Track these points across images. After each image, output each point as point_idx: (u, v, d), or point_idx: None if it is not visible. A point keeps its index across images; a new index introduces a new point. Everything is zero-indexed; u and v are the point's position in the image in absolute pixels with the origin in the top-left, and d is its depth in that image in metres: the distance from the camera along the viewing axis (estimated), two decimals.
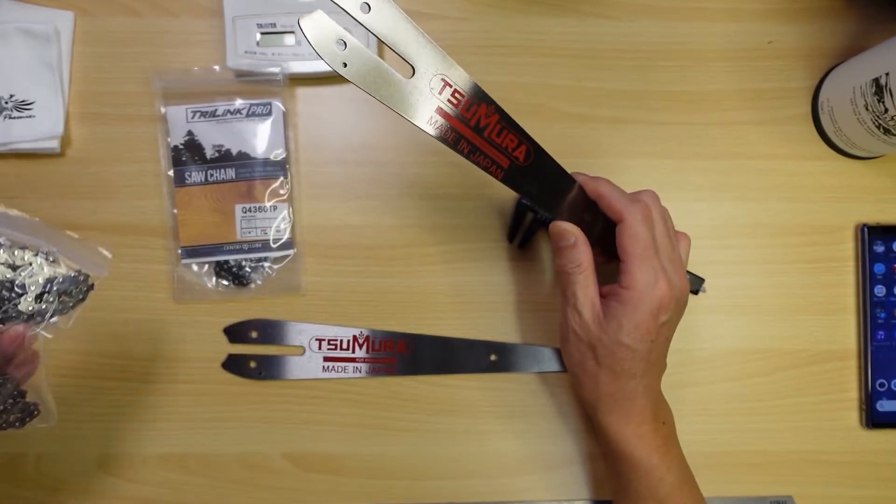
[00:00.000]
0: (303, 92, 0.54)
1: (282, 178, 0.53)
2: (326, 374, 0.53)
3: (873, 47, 0.50)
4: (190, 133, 0.52)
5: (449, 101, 0.39)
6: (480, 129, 0.40)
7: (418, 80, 0.38)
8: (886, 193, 0.55)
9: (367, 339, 0.53)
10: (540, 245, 0.54)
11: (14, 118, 0.52)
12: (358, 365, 0.53)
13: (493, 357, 0.53)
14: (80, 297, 0.39)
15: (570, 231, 0.44)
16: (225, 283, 0.53)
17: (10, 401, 0.39)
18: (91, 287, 0.39)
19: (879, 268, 0.54)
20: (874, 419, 0.53)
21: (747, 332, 0.54)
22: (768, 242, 0.55)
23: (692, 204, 0.55)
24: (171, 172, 0.53)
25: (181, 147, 0.52)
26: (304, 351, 0.53)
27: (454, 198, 0.54)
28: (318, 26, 0.36)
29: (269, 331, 0.53)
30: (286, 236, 0.53)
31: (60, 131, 0.52)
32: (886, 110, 0.47)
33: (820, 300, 0.55)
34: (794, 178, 0.55)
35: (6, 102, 0.52)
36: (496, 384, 0.54)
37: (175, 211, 0.52)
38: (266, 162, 0.53)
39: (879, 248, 0.54)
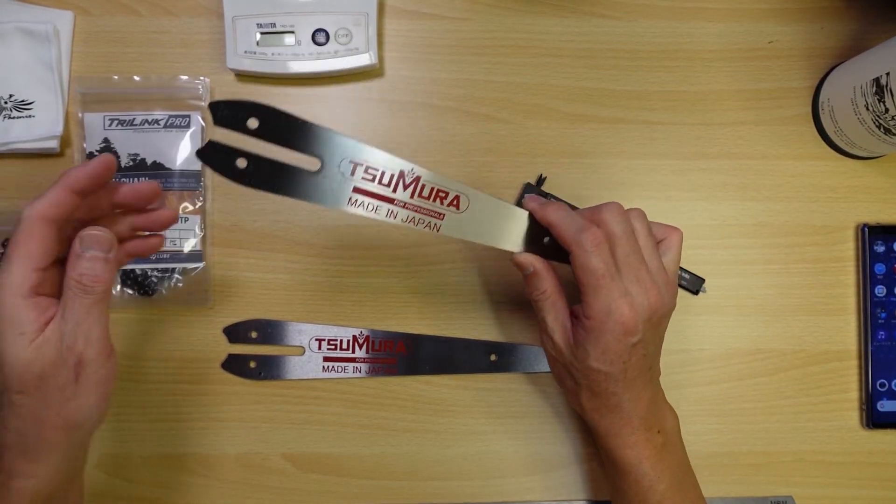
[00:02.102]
0: (301, 91, 0.54)
1: (196, 191, 0.53)
2: (326, 374, 0.53)
3: (873, 47, 0.50)
4: (106, 140, 0.52)
5: (364, 178, 0.39)
6: (406, 194, 0.39)
7: (327, 169, 0.38)
8: (887, 193, 0.55)
9: (367, 339, 0.53)
10: None
11: (13, 118, 0.52)
12: (358, 365, 0.53)
13: (492, 357, 0.53)
14: None
15: (527, 262, 0.43)
16: (130, 291, 0.52)
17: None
18: None
19: (880, 268, 0.54)
20: (875, 419, 0.53)
21: (747, 332, 0.54)
22: (768, 242, 0.55)
23: (692, 204, 0.55)
24: None
25: (97, 154, 0.52)
26: (304, 351, 0.53)
27: None
28: (213, 152, 0.37)
29: (268, 331, 0.53)
30: (194, 248, 0.53)
31: (60, 131, 0.52)
32: (887, 110, 0.47)
33: (820, 300, 0.55)
34: (794, 178, 0.55)
35: (5, 102, 0.52)
36: (496, 384, 0.53)
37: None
38: (182, 173, 0.53)
39: (880, 248, 0.54)
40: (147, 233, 0.43)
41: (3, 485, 0.36)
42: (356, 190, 0.38)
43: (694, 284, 0.53)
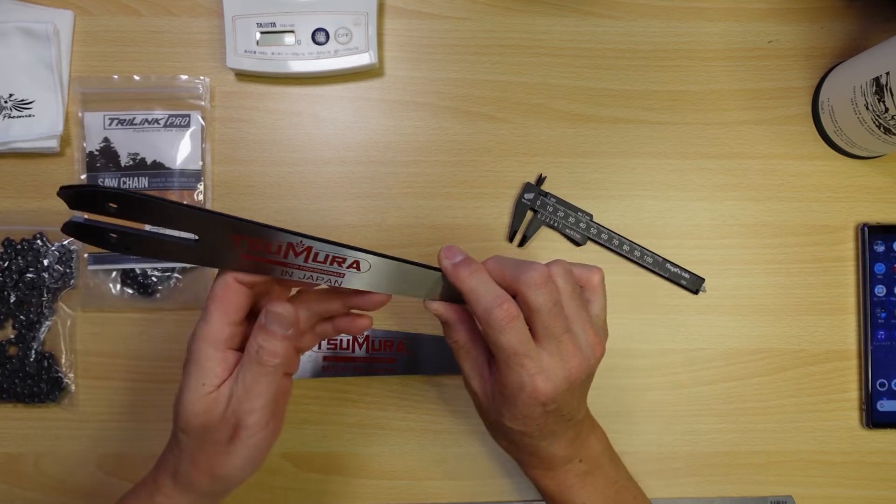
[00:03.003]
0: (301, 91, 0.54)
1: (196, 190, 0.53)
2: (326, 374, 0.53)
3: (873, 47, 0.50)
4: (106, 140, 0.52)
5: (249, 251, 0.36)
6: (299, 259, 0.37)
7: (205, 241, 0.35)
8: (886, 193, 0.55)
9: (367, 338, 0.53)
10: (540, 244, 0.54)
11: (13, 117, 0.52)
12: (358, 365, 0.53)
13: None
14: None
15: (437, 311, 0.41)
16: (130, 291, 0.53)
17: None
18: None
19: (880, 267, 0.54)
20: (874, 419, 0.53)
21: (747, 332, 0.54)
22: (768, 242, 0.55)
23: (692, 204, 0.55)
24: (84, 177, 0.53)
25: (96, 153, 0.52)
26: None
27: (454, 197, 0.54)
28: (80, 231, 0.34)
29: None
30: None
31: (60, 130, 0.52)
32: (887, 109, 0.47)
33: (820, 300, 0.55)
34: (794, 177, 0.55)
35: (6, 102, 0.52)
36: None
37: (86, 216, 0.52)
38: (182, 173, 0.53)
39: (880, 248, 0.54)
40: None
41: (151, 496, 0.39)
42: (245, 255, 0.36)
43: (694, 284, 0.53)
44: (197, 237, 0.34)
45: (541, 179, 0.53)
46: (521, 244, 0.53)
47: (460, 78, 0.55)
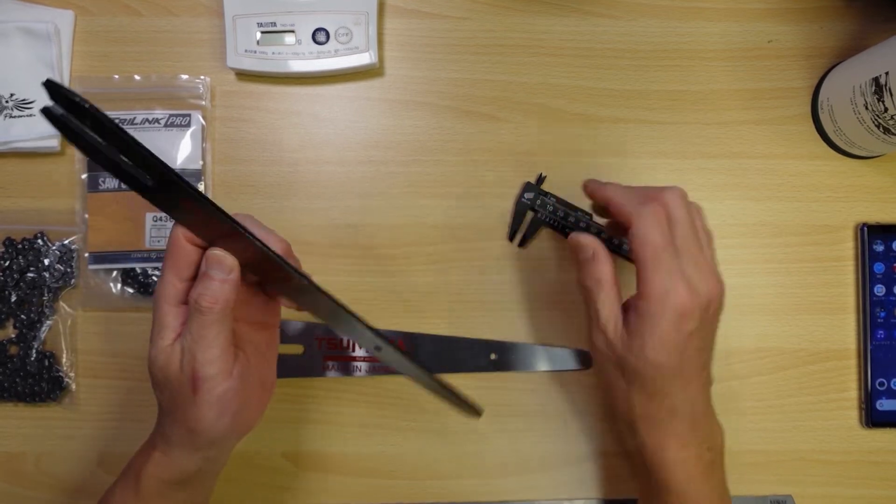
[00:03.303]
0: (301, 91, 0.54)
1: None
2: (326, 374, 0.53)
3: (873, 47, 0.50)
4: None
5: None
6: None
7: (157, 190, 0.34)
8: (886, 193, 0.55)
9: None
10: (540, 244, 0.54)
11: (14, 117, 0.52)
12: (358, 364, 0.53)
13: (493, 356, 0.53)
14: None
15: (587, 244, 0.41)
16: (130, 290, 0.53)
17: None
18: None
19: (879, 267, 0.54)
20: (874, 418, 0.53)
21: (747, 332, 0.54)
22: (768, 242, 0.55)
23: None
24: (84, 177, 0.53)
25: None
26: (305, 350, 0.53)
27: (454, 197, 0.54)
28: (58, 122, 0.30)
29: None
30: None
31: None
32: (886, 109, 0.47)
33: (820, 300, 0.55)
34: (794, 177, 0.55)
35: (6, 101, 0.52)
36: (496, 384, 0.53)
37: (87, 216, 0.52)
38: (182, 172, 0.52)
39: (879, 248, 0.54)
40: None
41: (149, 453, 0.40)
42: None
43: None
44: (151, 183, 0.34)
45: (541, 179, 0.53)
46: (522, 244, 0.53)
47: (460, 78, 0.55)
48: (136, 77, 0.53)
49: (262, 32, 0.52)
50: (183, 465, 0.40)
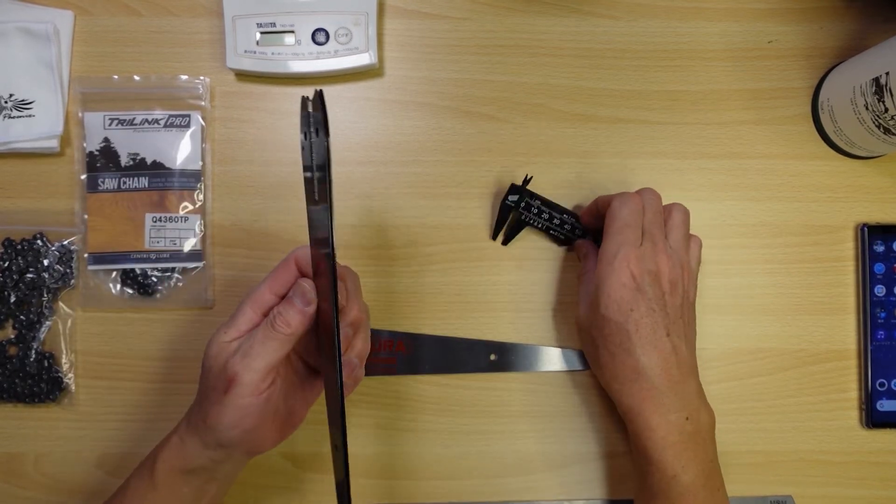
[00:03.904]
0: (301, 91, 0.54)
1: (196, 190, 0.53)
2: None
3: (873, 47, 0.50)
4: (106, 140, 0.52)
5: None
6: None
7: None
8: (886, 193, 0.55)
9: None
10: (540, 245, 0.54)
11: (14, 118, 0.52)
12: None
13: (493, 357, 0.53)
14: None
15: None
16: (130, 291, 0.52)
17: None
18: None
19: (879, 267, 0.54)
20: (874, 419, 0.53)
21: (747, 332, 0.54)
22: (768, 242, 0.55)
23: (692, 204, 0.54)
24: (84, 177, 0.53)
25: (96, 153, 0.52)
26: None
27: (454, 197, 0.54)
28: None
29: None
30: (194, 248, 0.53)
31: (60, 130, 0.52)
32: (886, 110, 0.47)
33: (820, 300, 0.55)
34: (794, 177, 0.55)
35: (6, 102, 0.52)
36: (496, 384, 0.53)
37: (86, 216, 0.52)
38: (182, 173, 0.53)
39: (879, 248, 0.54)
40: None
41: (173, 433, 0.43)
42: None
43: None
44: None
45: (527, 180, 0.52)
46: (505, 242, 0.54)
47: (460, 78, 0.55)
48: (136, 77, 0.53)
49: (262, 33, 0.52)
50: (192, 456, 0.42)
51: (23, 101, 0.52)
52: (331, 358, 0.38)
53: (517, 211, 0.52)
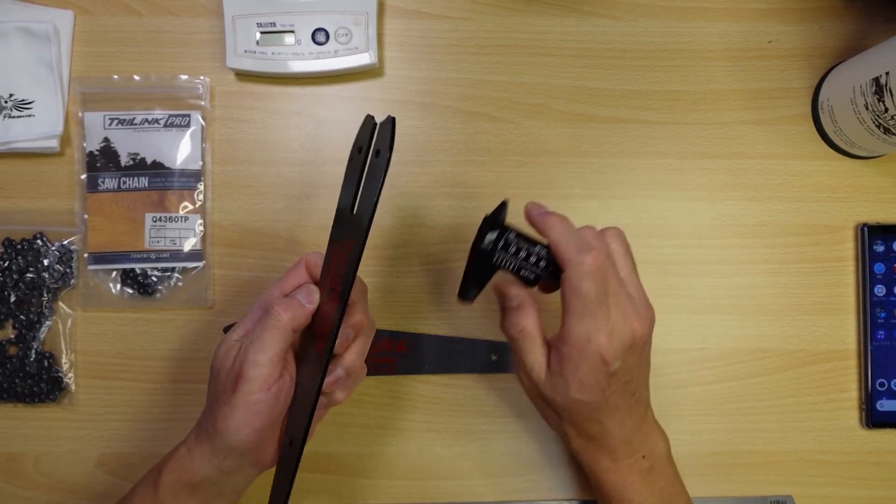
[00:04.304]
0: (301, 91, 0.54)
1: (196, 190, 0.53)
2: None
3: (873, 47, 0.50)
4: (106, 140, 0.52)
5: None
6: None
7: None
8: (886, 193, 0.55)
9: None
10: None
11: (13, 117, 0.52)
12: None
13: (493, 357, 0.53)
14: None
15: (514, 294, 0.42)
16: (130, 291, 0.52)
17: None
18: None
19: (879, 267, 0.54)
20: (874, 419, 0.53)
21: (747, 332, 0.54)
22: (768, 242, 0.55)
23: (692, 204, 0.55)
24: (84, 177, 0.53)
25: (96, 153, 0.52)
26: None
27: (454, 197, 0.54)
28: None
29: None
30: (194, 248, 0.53)
31: (60, 130, 0.52)
32: (886, 109, 0.47)
33: (820, 300, 0.55)
34: (794, 177, 0.55)
35: (6, 102, 0.52)
36: (496, 384, 0.53)
37: (86, 216, 0.52)
38: (182, 172, 0.53)
39: (879, 248, 0.54)
40: None
41: (177, 448, 0.42)
42: None
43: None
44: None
45: (502, 207, 0.42)
46: (472, 299, 0.44)
47: (460, 78, 0.55)
48: (136, 77, 0.53)
49: (262, 33, 0.52)
50: (199, 467, 0.41)
51: (23, 100, 0.52)
52: (319, 357, 0.39)
53: (495, 255, 0.42)
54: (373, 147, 0.38)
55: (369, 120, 0.39)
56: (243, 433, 0.39)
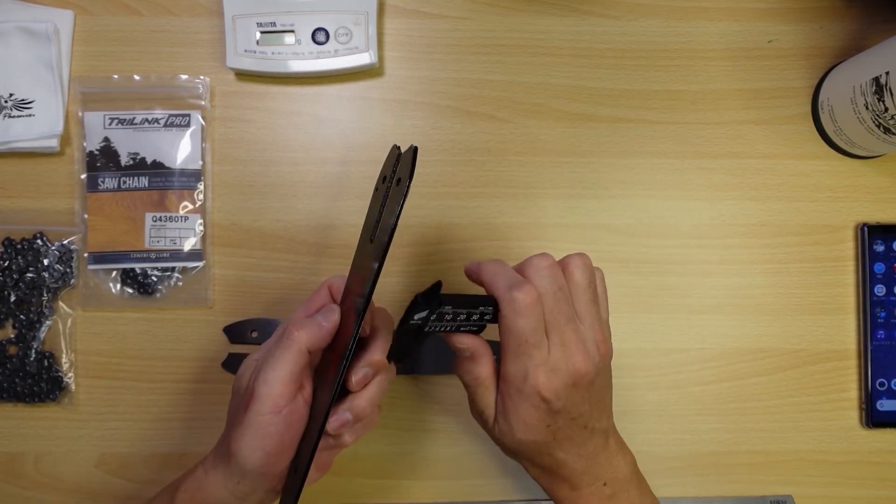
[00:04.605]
0: (301, 91, 0.54)
1: (196, 189, 0.53)
2: None
3: (873, 46, 0.50)
4: (106, 139, 0.53)
5: None
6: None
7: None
8: (886, 193, 0.55)
9: None
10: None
11: (13, 117, 0.52)
12: None
13: (493, 357, 0.53)
14: None
15: (467, 345, 0.41)
16: (130, 290, 0.53)
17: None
18: None
19: (879, 267, 0.54)
20: (874, 419, 0.53)
21: (747, 332, 0.54)
22: (768, 242, 0.55)
23: (692, 203, 0.55)
24: (84, 177, 0.53)
25: (96, 153, 0.52)
26: None
27: (454, 197, 0.54)
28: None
29: (269, 330, 0.53)
30: (194, 247, 0.53)
31: (60, 130, 0.52)
32: (886, 109, 0.47)
33: (820, 300, 0.55)
34: (794, 177, 0.55)
35: (6, 101, 0.52)
36: None
37: (86, 216, 0.52)
38: (182, 172, 0.53)
39: (879, 248, 0.54)
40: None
41: (195, 467, 0.42)
42: None
43: None
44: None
45: (436, 287, 0.39)
46: (400, 360, 0.45)
47: (460, 78, 0.55)
48: (136, 77, 0.53)
49: (262, 32, 0.52)
50: (213, 490, 0.40)
51: (23, 100, 0.52)
52: (332, 383, 0.38)
53: (423, 330, 0.40)
54: (395, 175, 0.38)
55: (394, 151, 0.39)
56: (256, 456, 0.38)
